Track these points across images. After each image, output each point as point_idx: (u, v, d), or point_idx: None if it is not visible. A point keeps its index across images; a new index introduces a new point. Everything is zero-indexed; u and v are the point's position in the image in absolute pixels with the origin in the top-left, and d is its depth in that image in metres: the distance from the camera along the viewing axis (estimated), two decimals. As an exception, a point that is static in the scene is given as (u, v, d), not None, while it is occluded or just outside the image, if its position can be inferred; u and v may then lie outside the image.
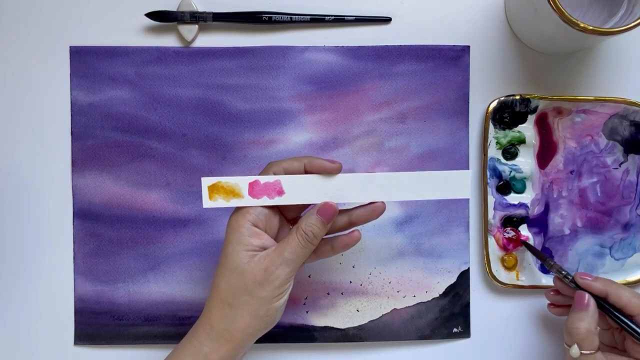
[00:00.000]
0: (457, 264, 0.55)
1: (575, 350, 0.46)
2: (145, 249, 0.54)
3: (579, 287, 0.48)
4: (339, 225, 0.47)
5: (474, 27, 0.55)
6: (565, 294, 0.51)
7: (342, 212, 0.46)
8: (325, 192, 0.45)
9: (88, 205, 0.54)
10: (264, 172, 0.45)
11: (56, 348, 0.55)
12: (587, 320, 0.46)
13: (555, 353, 0.56)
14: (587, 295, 0.47)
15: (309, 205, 0.46)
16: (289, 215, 0.48)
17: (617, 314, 0.47)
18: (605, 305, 0.47)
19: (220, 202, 0.44)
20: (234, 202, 0.44)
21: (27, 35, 0.54)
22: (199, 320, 0.45)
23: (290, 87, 0.54)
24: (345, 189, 0.45)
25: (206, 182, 0.44)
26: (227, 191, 0.44)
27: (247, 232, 0.43)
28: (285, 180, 0.44)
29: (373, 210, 0.46)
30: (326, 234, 0.45)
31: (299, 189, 0.45)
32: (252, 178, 0.44)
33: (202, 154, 0.54)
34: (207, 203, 0.45)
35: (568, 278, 0.49)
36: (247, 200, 0.44)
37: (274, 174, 0.45)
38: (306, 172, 0.45)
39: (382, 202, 0.46)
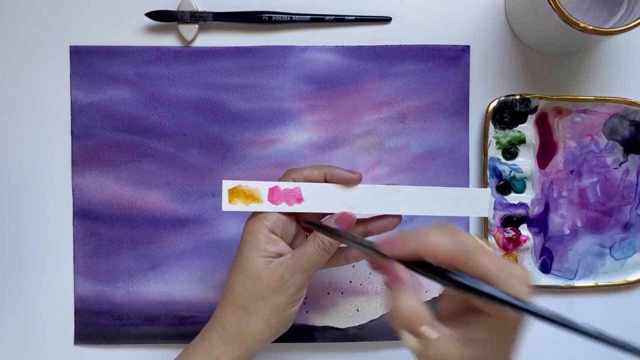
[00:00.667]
0: (457, 264, 0.55)
1: (411, 341, 0.36)
2: (145, 249, 0.54)
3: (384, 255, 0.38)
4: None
5: (474, 27, 0.55)
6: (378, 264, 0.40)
7: (358, 222, 0.46)
8: (344, 202, 0.45)
9: (88, 205, 0.54)
10: (283, 179, 0.45)
11: (56, 348, 0.55)
12: (406, 297, 0.36)
13: (555, 353, 0.56)
14: (395, 266, 0.36)
15: (325, 214, 0.46)
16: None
17: (444, 277, 0.35)
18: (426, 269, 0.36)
19: (240, 206, 0.44)
20: (253, 207, 0.44)
21: (27, 35, 0.54)
22: (211, 322, 0.45)
23: (290, 87, 0.54)
24: (364, 200, 0.45)
25: (227, 185, 0.44)
26: (247, 195, 0.44)
27: (264, 238, 0.43)
28: (305, 187, 0.44)
29: (390, 222, 0.46)
30: None
31: (318, 198, 0.44)
32: (272, 183, 0.44)
33: (202, 154, 0.54)
34: (226, 206, 0.44)
35: (368, 247, 0.39)
36: (266, 206, 0.44)
37: (294, 182, 0.44)
38: (326, 181, 0.45)
39: (399, 214, 0.46)
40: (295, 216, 0.46)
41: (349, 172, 0.44)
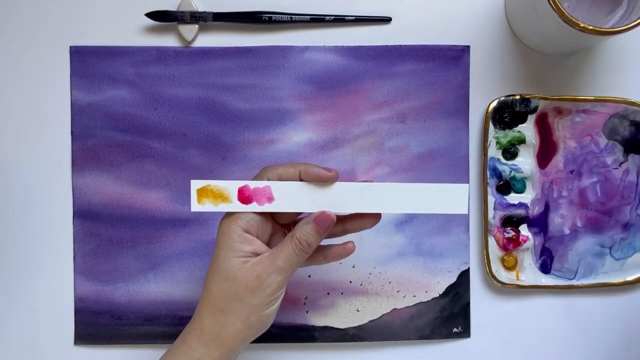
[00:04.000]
0: (457, 264, 0.55)
1: None
2: (145, 249, 0.54)
3: None
4: (333, 232, 0.46)
5: (474, 27, 0.55)
6: None
7: (337, 220, 0.45)
8: (318, 201, 0.44)
9: (88, 205, 0.54)
10: (257, 177, 0.44)
11: (56, 348, 0.55)
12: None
13: (556, 352, 0.56)
14: None
15: (299, 214, 0.46)
16: (282, 221, 0.46)
17: None
18: None
19: (209, 207, 0.43)
20: (223, 207, 0.43)
21: (27, 35, 0.54)
22: (190, 324, 0.45)
23: (290, 87, 0.54)
24: (339, 199, 0.44)
25: (195, 185, 0.43)
26: (216, 195, 0.43)
27: (238, 238, 0.43)
28: (276, 186, 0.43)
29: (369, 220, 0.45)
30: None
31: (289, 196, 0.43)
32: (242, 183, 0.43)
33: (202, 154, 0.54)
34: (195, 207, 0.44)
35: None
36: (235, 206, 0.43)
37: (268, 180, 0.44)
38: (301, 179, 0.44)
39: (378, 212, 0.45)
40: (271, 214, 0.45)
41: (324, 169, 0.43)
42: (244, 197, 0.43)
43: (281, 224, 0.47)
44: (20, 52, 0.54)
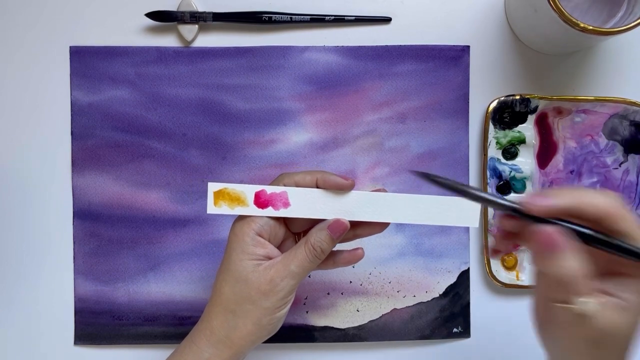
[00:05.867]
0: (457, 264, 0.55)
1: (585, 304, 0.34)
2: (145, 249, 0.54)
3: (531, 216, 0.36)
4: (345, 237, 0.46)
5: (474, 27, 0.55)
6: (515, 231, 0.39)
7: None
8: (332, 208, 0.44)
9: (88, 205, 0.54)
10: (274, 183, 0.45)
11: (56, 348, 0.55)
12: (568, 261, 0.34)
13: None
14: (551, 230, 0.35)
15: (314, 221, 0.46)
16: (294, 229, 0.47)
17: (606, 239, 0.34)
18: (576, 228, 0.34)
19: (225, 209, 0.44)
20: (239, 210, 0.44)
21: (27, 35, 0.54)
22: (199, 324, 0.45)
23: (290, 87, 0.54)
24: (353, 207, 0.44)
25: (212, 187, 0.44)
26: (233, 198, 0.44)
27: (251, 242, 0.43)
28: (292, 192, 0.44)
29: (379, 225, 0.46)
30: None
31: (305, 203, 0.44)
32: (259, 187, 0.44)
33: (202, 154, 0.54)
34: (211, 209, 0.44)
35: (512, 208, 0.37)
36: (251, 210, 0.44)
37: (285, 186, 0.44)
38: (318, 187, 0.44)
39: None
40: (284, 220, 0.45)
41: (341, 177, 0.44)
42: (261, 201, 0.44)
43: (293, 232, 0.47)
44: (20, 52, 0.54)
